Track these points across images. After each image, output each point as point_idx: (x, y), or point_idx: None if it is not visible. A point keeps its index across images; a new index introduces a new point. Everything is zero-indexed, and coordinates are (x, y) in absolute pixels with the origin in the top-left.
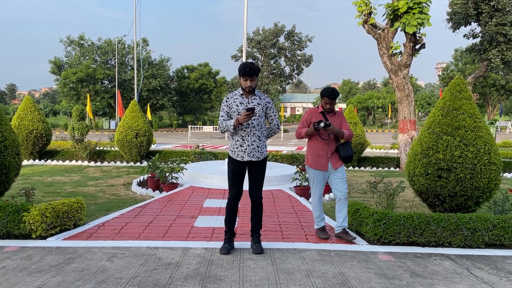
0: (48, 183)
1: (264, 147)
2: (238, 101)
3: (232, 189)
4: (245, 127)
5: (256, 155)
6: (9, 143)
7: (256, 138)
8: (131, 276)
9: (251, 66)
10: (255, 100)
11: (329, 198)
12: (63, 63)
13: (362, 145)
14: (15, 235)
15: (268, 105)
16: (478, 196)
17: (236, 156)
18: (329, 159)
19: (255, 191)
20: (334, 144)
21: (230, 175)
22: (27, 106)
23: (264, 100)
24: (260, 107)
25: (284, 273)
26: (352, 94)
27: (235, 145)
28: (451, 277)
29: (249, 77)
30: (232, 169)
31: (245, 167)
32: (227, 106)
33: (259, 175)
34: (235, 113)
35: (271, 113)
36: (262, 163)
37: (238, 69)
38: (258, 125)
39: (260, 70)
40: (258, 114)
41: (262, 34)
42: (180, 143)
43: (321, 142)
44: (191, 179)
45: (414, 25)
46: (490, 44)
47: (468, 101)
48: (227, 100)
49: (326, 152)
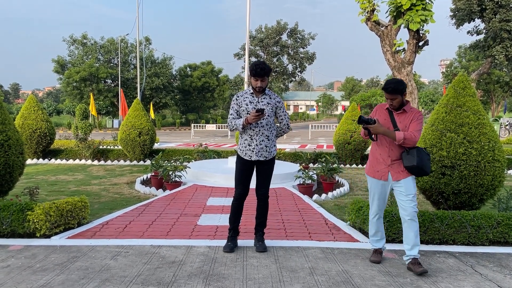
0: (52, 182)
1: (273, 147)
2: (248, 100)
3: (238, 187)
4: (254, 126)
5: (264, 155)
6: (13, 142)
7: (264, 137)
8: (135, 275)
9: (262, 67)
10: (265, 99)
11: (332, 196)
12: (66, 62)
13: (366, 143)
14: (20, 234)
15: (278, 105)
16: (482, 193)
17: (244, 155)
18: (389, 167)
19: (261, 190)
20: (398, 150)
21: (237, 173)
22: (31, 105)
23: (274, 99)
24: (269, 106)
25: (288, 271)
26: (355, 92)
27: (243, 144)
28: (455, 274)
29: (260, 77)
30: (239, 167)
31: (253, 166)
32: (236, 105)
33: (267, 174)
34: (244, 111)
35: (281, 113)
36: (270, 162)
37: (249, 69)
38: (267, 125)
39: (272, 70)
40: (268, 114)
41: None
42: (183, 141)
43: (380, 146)
44: (194, 177)
45: (418, 22)
46: (494, 41)
47: (472, 98)
48: (237, 98)
49: (386, 159)
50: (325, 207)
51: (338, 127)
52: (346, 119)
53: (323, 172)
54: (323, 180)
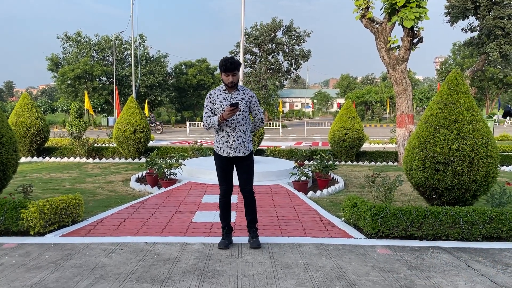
0: (46, 180)
1: (250, 142)
2: (221, 97)
3: (222, 184)
4: (230, 122)
5: (243, 150)
6: (7, 140)
7: (241, 133)
8: (129, 272)
9: (231, 61)
10: (238, 95)
11: (327, 192)
12: (61, 60)
13: (361, 140)
14: (13, 231)
15: (251, 99)
16: (476, 189)
17: (222, 152)
18: None
19: (246, 187)
20: None
21: (218, 172)
22: (25, 103)
23: (248, 94)
24: (244, 101)
25: (282, 267)
26: (351, 89)
27: (220, 141)
28: (449, 269)
29: (231, 72)
30: (219, 165)
31: (232, 162)
32: (210, 103)
33: (248, 170)
34: (219, 109)
35: (255, 107)
36: (249, 158)
37: (219, 65)
38: (243, 120)
39: (241, 64)
40: (243, 109)
41: (260, 29)
42: (179, 139)
43: None
44: (190, 175)
45: (412, 19)
46: (488, 38)
47: (465, 95)
48: (210, 96)
49: None
50: (320, 203)
51: (333, 124)
52: (341, 116)
53: (318, 169)
54: (318, 177)
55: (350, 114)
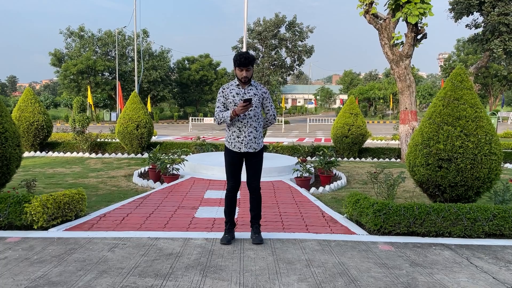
0: (49, 175)
1: (261, 138)
2: (234, 91)
3: (230, 180)
4: (242, 118)
5: (254, 146)
6: (10, 135)
7: (253, 129)
8: (132, 266)
9: (246, 56)
10: (251, 90)
11: (330, 189)
12: (63, 55)
13: (363, 136)
14: (17, 226)
15: (264, 96)
16: (479, 186)
17: (233, 147)
18: None
19: (253, 182)
20: None
21: (227, 167)
22: (28, 98)
23: (261, 90)
24: (256, 97)
25: (285, 263)
26: (354, 85)
27: (231, 136)
28: (451, 266)
29: (245, 67)
30: (229, 160)
31: (242, 158)
32: (223, 97)
33: (257, 166)
34: (231, 104)
35: (268, 104)
36: (259, 154)
37: (233, 60)
38: (255, 116)
39: (256, 59)
40: (255, 105)
41: (263, 24)
42: (181, 134)
43: None
44: (192, 170)
45: (416, 15)
46: (492, 34)
47: (469, 91)
48: (223, 90)
49: None
50: (322, 200)
51: (336, 120)
52: (344, 112)
53: (321, 165)
54: (320, 173)
55: (353, 111)
